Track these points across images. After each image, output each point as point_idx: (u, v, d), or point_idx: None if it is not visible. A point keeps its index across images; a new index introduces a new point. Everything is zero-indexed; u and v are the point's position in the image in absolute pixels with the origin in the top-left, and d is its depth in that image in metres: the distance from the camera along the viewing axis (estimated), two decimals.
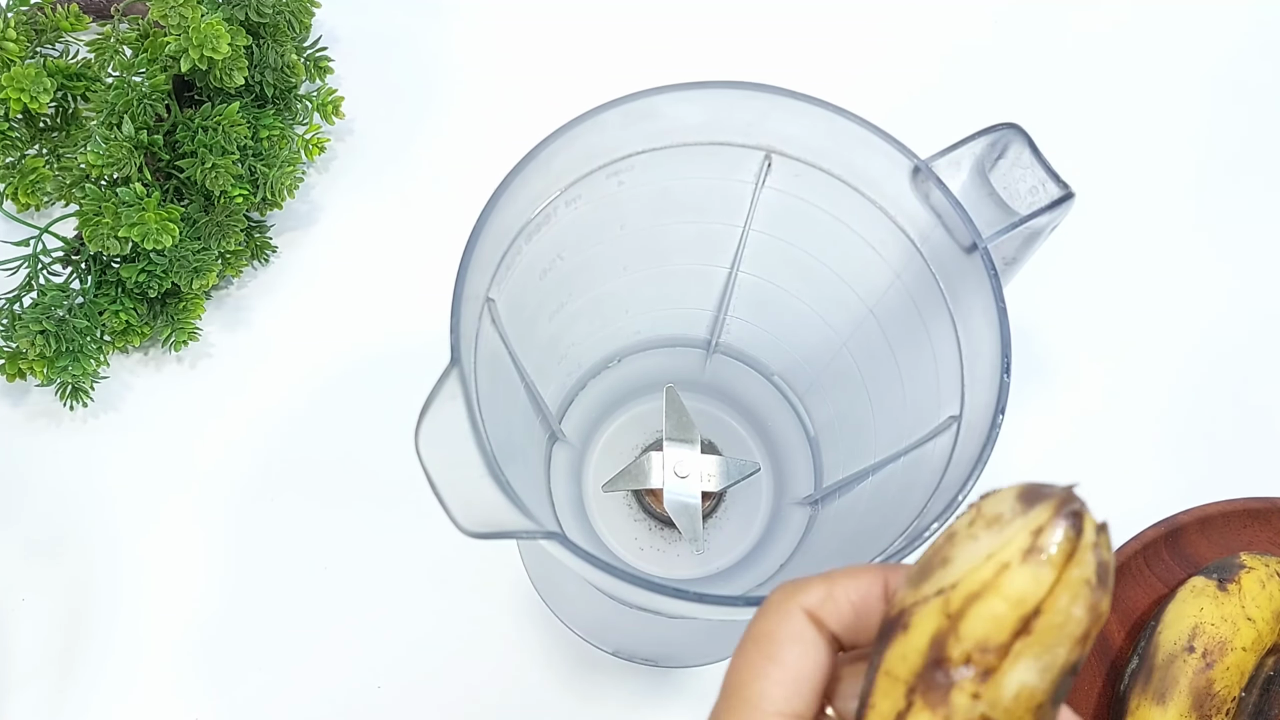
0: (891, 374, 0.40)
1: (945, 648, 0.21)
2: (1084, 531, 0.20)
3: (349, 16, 0.59)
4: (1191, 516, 0.46)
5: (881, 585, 0.23)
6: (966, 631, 0.20)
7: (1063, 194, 0.35)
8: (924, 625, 0.21)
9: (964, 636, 0.20)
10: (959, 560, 0.21)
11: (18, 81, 0.45)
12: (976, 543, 0.21)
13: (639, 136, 0.36)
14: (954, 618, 0.21)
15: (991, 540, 0.21)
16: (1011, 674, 0.20)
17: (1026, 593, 0.20)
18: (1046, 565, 0.20)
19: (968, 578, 0.21)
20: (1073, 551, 0.20)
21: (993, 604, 0.20)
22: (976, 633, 0.20)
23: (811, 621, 0.23)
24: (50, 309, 0.46)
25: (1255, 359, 0.53)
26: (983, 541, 0.21)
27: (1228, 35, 0.61)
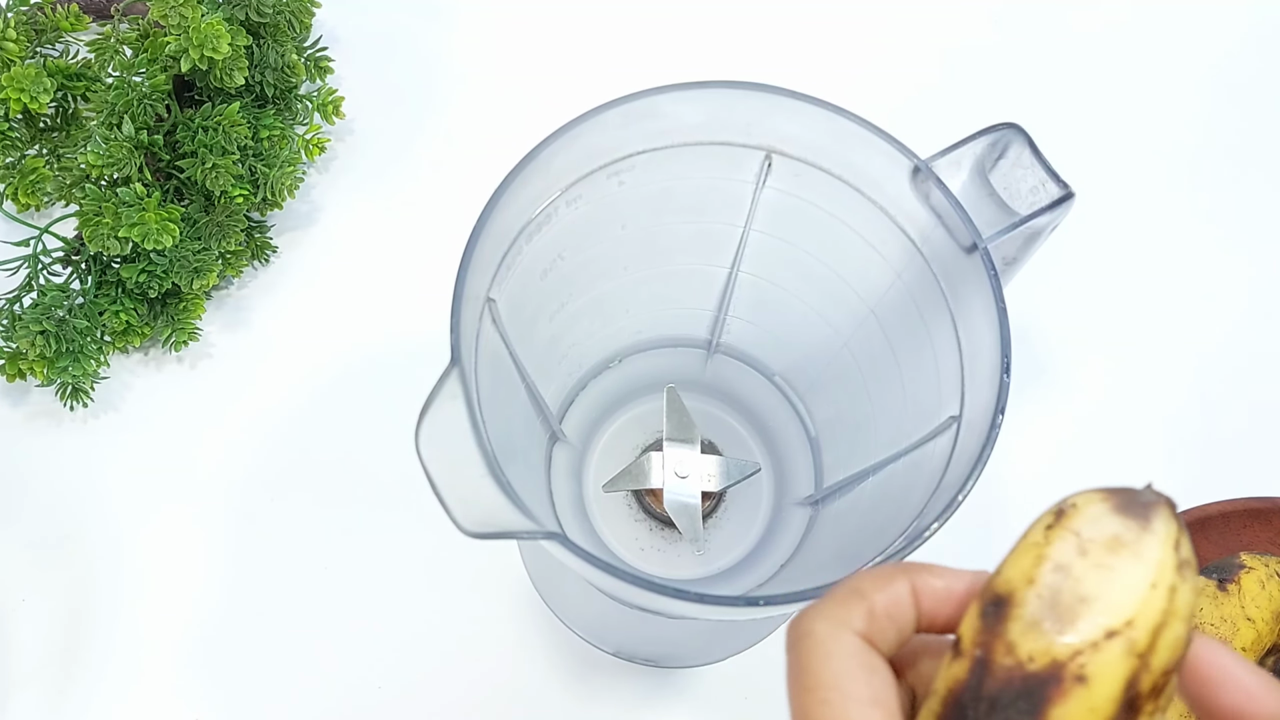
0: (892, 374, 0.40)
1: (1139, 685, 0.20)
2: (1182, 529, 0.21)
3: (349, 16, 0.59)
4: (1191, 516, 0.46)
5: (909, 587, 0.22)
6: (1157, 664, 0.20)
7: (1063, 194, 0.35)
8: (1111, 673, 0.19)
9: (1155, 669, 0.20)
10: (1113, 595, 0.20)
11: (18, 81, 0.45)
12: (1119, 572, 0.20)
13: (639, 136, 0.36)
14: (1145, 655, 0.20)
15: (1138, 567, 0.20)
16: (1174, 682, 0.20)
17: (1193, 604, 0.20)
18: (1192, 571, 0.20)
19: (1144, 612, 0.20)
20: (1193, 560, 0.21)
21: (1176, 629, 0.20)
22: (1164, 661, 0.20)
23: (872, 647, 0.22)
24: (50, 309, 0.46)
25: (1255, 358, 0.53)
26: (1126, 570, 0.20)
27: (1227, 35, 0.61)
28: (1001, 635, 0.20)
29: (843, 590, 0.22)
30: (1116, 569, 0.20)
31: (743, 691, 0.45)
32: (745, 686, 0.46)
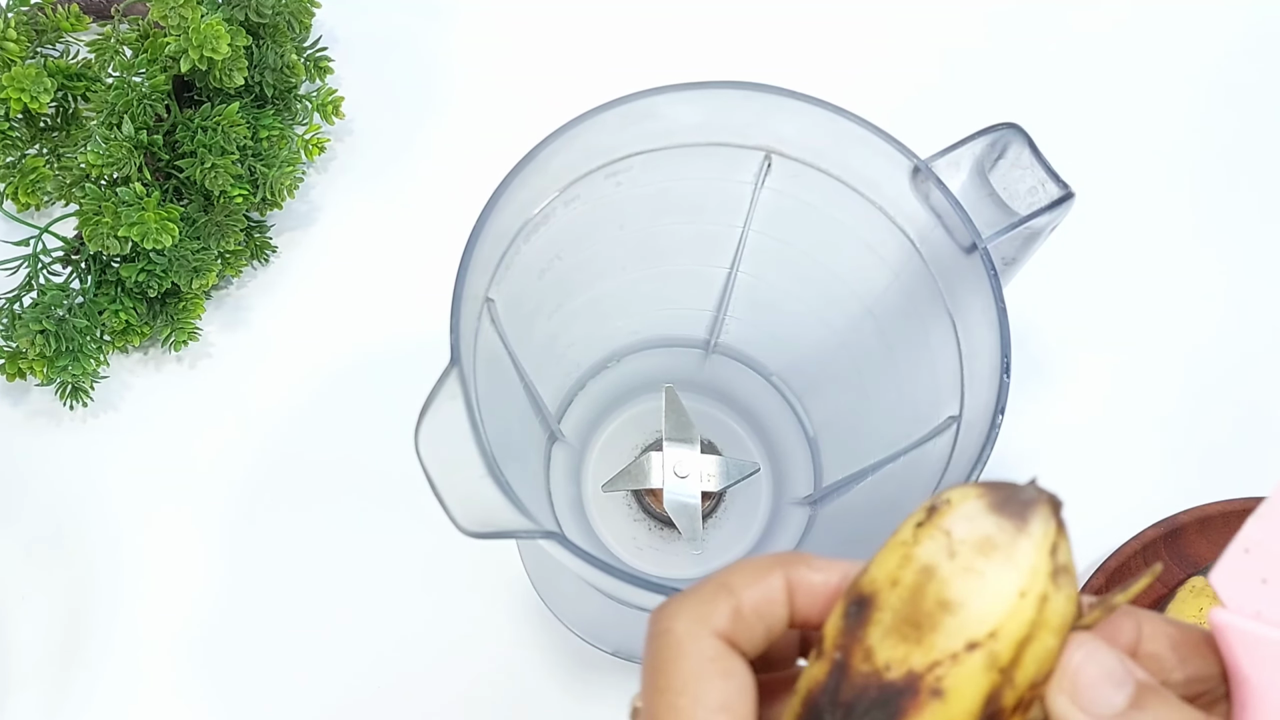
0: (890, 374, 0.40)
1: (1000, 700, 0.19)
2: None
3: (349, 17, 0.59)
4: (1191, 516, 0.46)
5: (783, 582, 0.21)
6: (1022, 679, 0.19)
7: (1062, 194, 0.35)
8: (969, 688, 0.18)
9: (1019, 684, 0.19)
10: (978, 602, 0.19)
11: (18, 81, 0.45)
12: (986, 578, 0.19)
13: (638, 137, 0.36)
14: (1008, 669, 0.18)
15: (1008, 573, 0.19)
16: (1046, 692, 0.19)
17: (1067, 615, 0.19)
18: (1069, 578, 0.19)
19: (1009, 623, 0.18)
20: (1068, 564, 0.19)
21: (1045, 641, 0.19)
22: (1030, 675, 0.19)
23: (732, 649, 0.21)
24: (50, 309, 0.46)
25: (1255, 358, 0.53)
26: (995, 576, 0.19)
27: (1226, 35, 0.61)
28: (861, 639, 0.19)
29: (710, 585, 0.21)
30: (985, 574, 0.19)
31: None
32: None
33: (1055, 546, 0.19)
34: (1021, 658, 0.19)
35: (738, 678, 0.20)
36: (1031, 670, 0.19)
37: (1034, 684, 0.19)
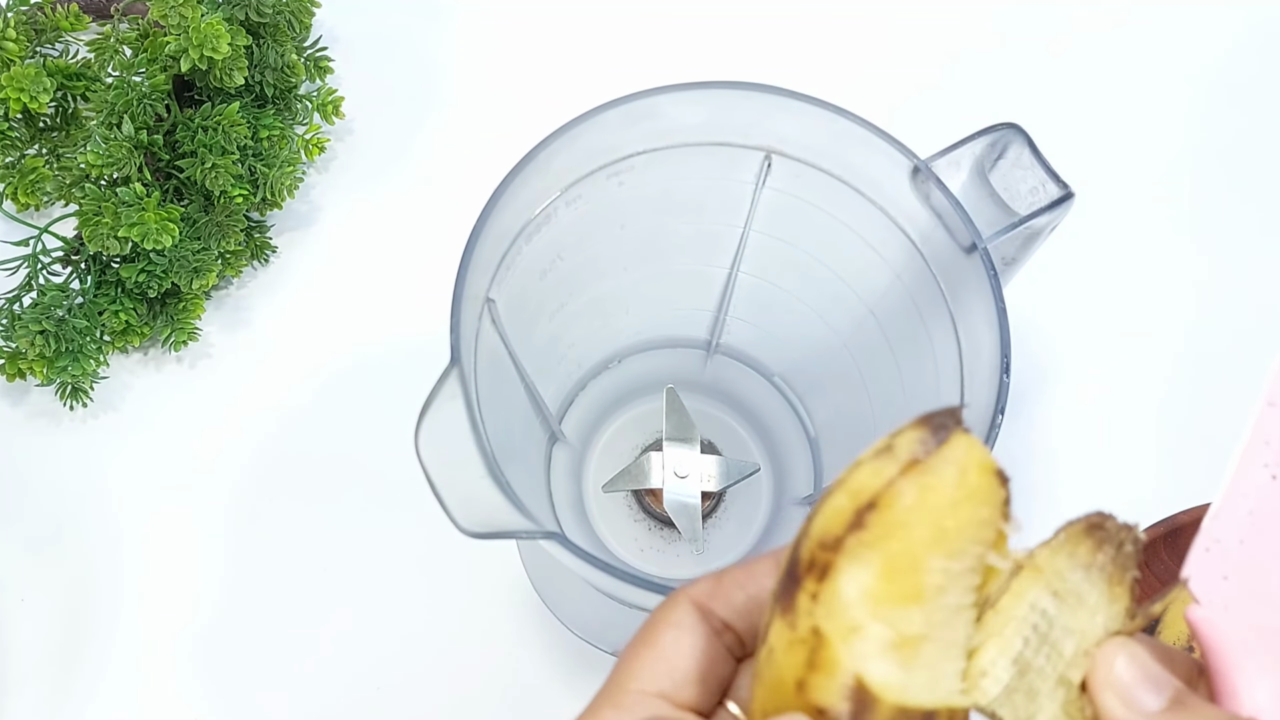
0: (891, 374, 0.40)
1: (798, 549, 0.20)
2: (951, 444, 0.20)
3: (349, 17, 0.59)
4: (1191, 516, 0.46)
5: (770, 559, 0.23)
6: (813, 529, 0.19)
7: (1062, 194, 0.35)
8: (793, 543, 0.20)
9: (811, 534, 0.19)
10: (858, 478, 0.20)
11: (18, 81, 0.45)
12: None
13: (639, 137, 0.36)
14: (808, 520, 0.20)
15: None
16: (846, 572, 0.19)
17: (864, 484, 0.19)
18: (890, 460, 0.19)
19: (831, 487, 0.20)
20: (926, 457, 0.19)
21: (836, 498, 0.19)
22: (818, 529, 0.19)
23: (695, 609, 0.23)
24: (50, 309, 0.46)
25: (1255, 358, 0.53)
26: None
27: (1227, 35, 0.61)
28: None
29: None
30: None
31: None
32: None
33: (900, 433, 0.20)
34: (818, 509, 0.20)
35: (686, 632, 0.22)
36: (820, 525, 0.19)
37: (822, 542, 0.19)
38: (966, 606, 0.20)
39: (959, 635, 0.20)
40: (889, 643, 0.19)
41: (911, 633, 0.19)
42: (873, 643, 0.19)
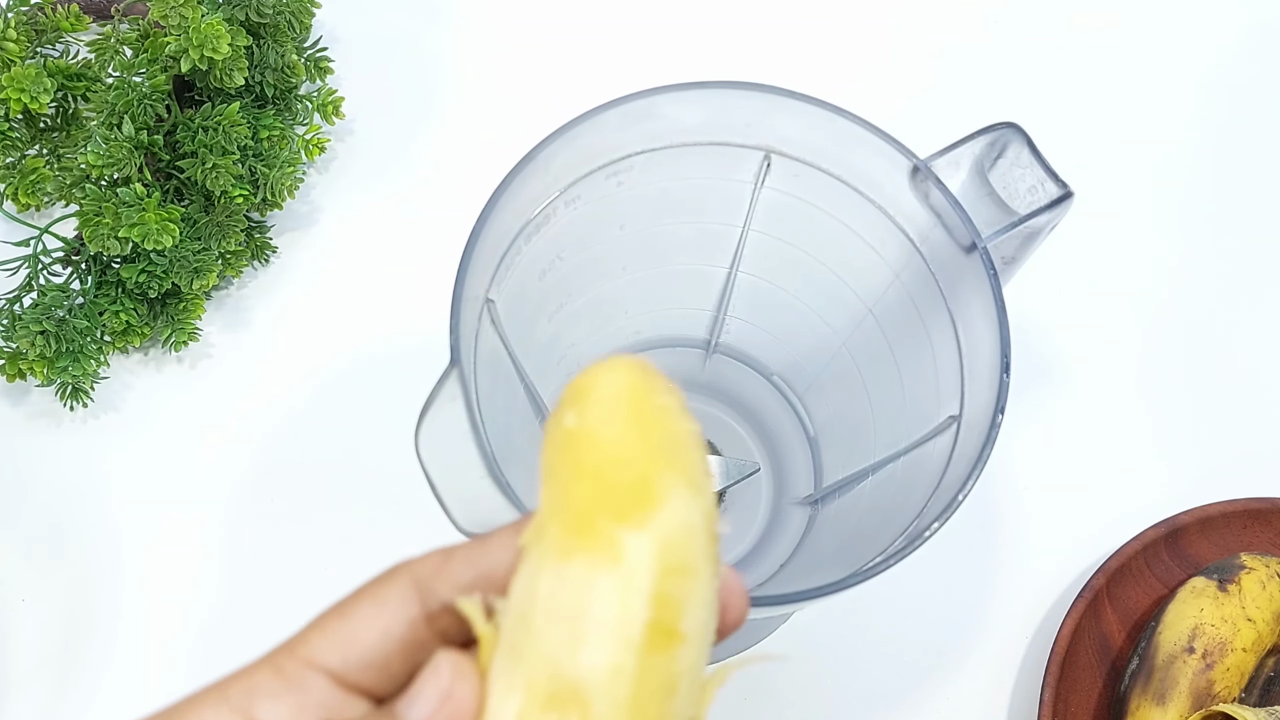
0: (891, 374, 0.40)
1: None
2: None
3: (349, 17, 0.59)
4: (1191, 517, 0.46)
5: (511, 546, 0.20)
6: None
7: (1062, 193, 0.35)
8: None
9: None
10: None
11: (18, 81, 0.45)
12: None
13: (638, 137, 0.36)
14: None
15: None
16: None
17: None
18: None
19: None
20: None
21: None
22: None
23: (413, 586, 0.20)
24: (50, 309, 0.46)
25: (1255, 358, 0.53)
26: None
27: (1227, 34, 0.61)
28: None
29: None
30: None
31: (742, 692, 0.45)
32: (744, 686, 0.46)
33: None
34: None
35: (388, 611, 0.20)
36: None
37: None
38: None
39: None
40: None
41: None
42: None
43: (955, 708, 0.46)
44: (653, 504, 0.18)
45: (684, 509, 0.18)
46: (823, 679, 0.46)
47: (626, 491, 0.18)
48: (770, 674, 0.46)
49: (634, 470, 0.19)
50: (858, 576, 0.29)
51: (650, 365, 0.20)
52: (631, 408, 0.19)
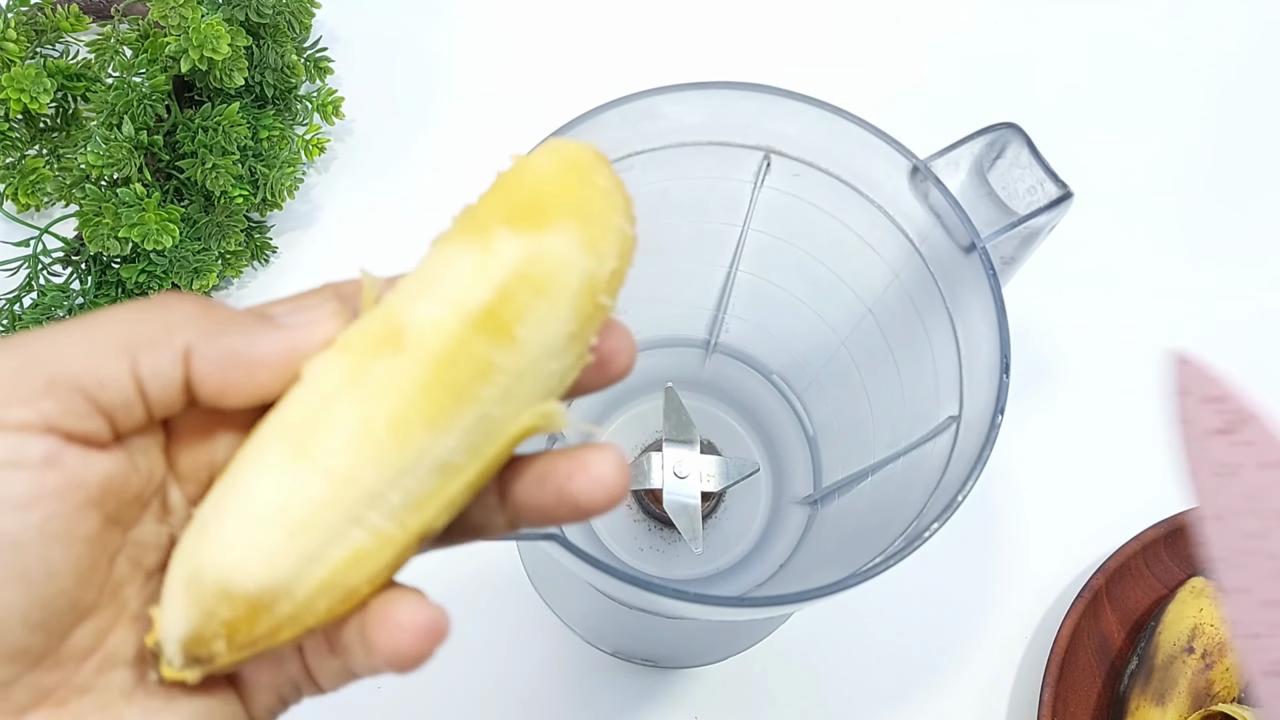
0: (890, 373, 0.40)
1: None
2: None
3: (349, 17, 0.59)
4: (1192, 517, 0.46)
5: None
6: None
7: (1061, 194, 0.35)
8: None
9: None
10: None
11: (18, 82, 0.45)
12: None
13: (638, 137, 0.36)
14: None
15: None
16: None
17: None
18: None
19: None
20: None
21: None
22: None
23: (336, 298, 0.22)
24: (50, 309, 0.46)
25: (1255, 359, 0.53)
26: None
27: (1227, 35, 0.61)
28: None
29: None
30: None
31: (742, 692, 0.45)
32: (744, 686, 0.46)
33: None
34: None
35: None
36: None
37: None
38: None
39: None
40: None
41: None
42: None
43: (955, 707, 0.46)
44: (541, 226, 0.20)
45: (567, 245, 0.20)
46: (822, 679, 0.46)
47: (525, 208, 0.20)
48: (770, 674, 0.46)
49: (542, 198, 0.20)
50: (857, 577, 0.29)
51: (605, 157, 0.21)
52: (568, 165, 0.21)
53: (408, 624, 0.20)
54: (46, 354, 0.18)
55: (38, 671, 0.18)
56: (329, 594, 0.19)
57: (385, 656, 0.20)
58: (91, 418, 0.18)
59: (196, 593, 0.19)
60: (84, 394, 0.18)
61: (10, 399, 0.17)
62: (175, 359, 0.19)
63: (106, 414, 0.18)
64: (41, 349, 0.18)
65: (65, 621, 0.18)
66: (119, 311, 0.19)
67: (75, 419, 0.18)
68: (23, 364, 0.18)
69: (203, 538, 0.19)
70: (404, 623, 0.20)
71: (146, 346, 0.19)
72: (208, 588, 0.19)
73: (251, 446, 0.19)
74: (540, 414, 0.20)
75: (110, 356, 0.18)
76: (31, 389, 0.18)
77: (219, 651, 0.19)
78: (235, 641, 0.19)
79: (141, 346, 0.19)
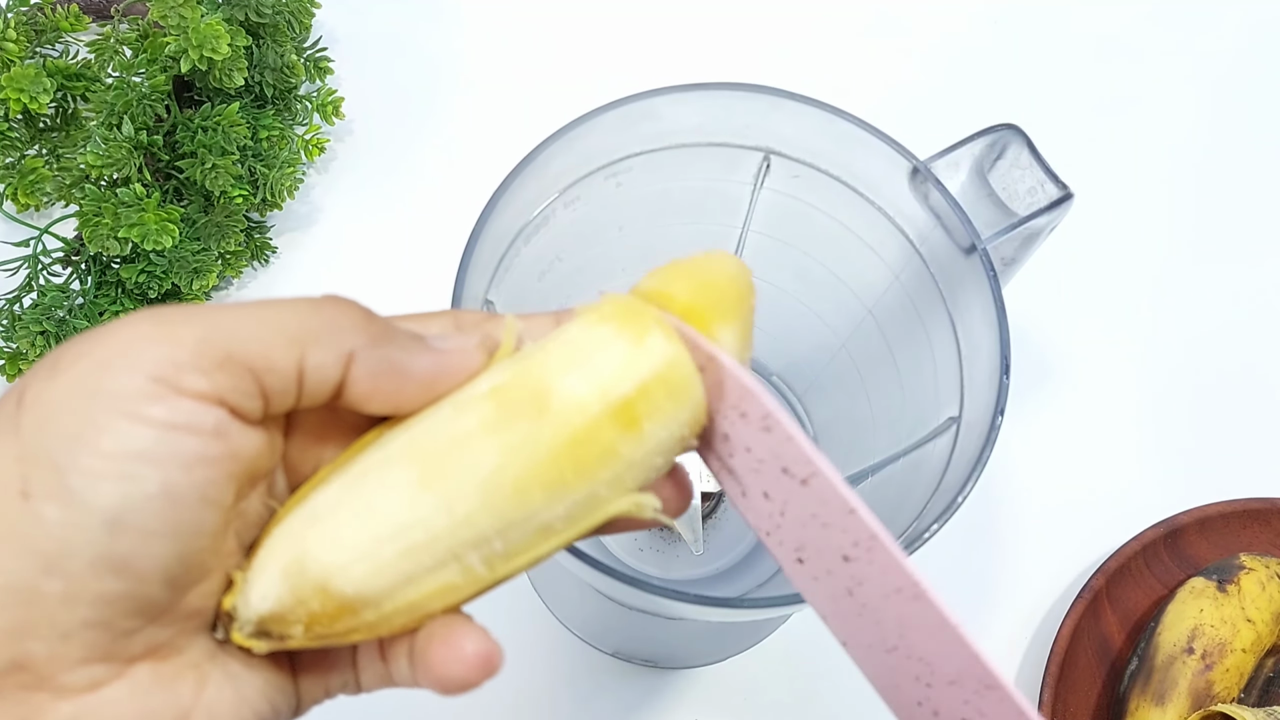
0: (890, 375, 0.40)
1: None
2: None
3: (349, 17, 0.59)
4: (1191, 517, 0.46)
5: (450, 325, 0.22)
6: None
7: (1061, 194, 0.35)
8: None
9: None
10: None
11: (18, 82, 0.45)
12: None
13: (637, 138, 0.36)
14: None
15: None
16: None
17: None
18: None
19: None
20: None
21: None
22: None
23: (452, 321, 0.22)
24: (50, 309, 0.46)
25: (1255, 359, 0.53)
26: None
27: (1227, 35, 0.61)
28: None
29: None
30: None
31: (742, 692, 0.45)
32: (744, 687, 0.46)
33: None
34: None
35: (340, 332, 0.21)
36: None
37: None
38: None
39: None
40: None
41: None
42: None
43: None
44: (703, 329, 0.21)
45: (716, 360, 0.21)
46: (822, 679, 0.46)
47: (685, 309, 0.21)
48: (770, 675, 0.46)
49: (705, 304, 0.21)
50: None
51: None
52: (735, 279, 0.22)
53: (471, 654, 0.21)
54: (226, 331, 0.19)
55: (155, 626, 0.19)
56: (409, 613, 0.21)
57: (438, 677, 0.22)
58: (255, 398, 0.19)
59: (295, 580, 0.20)
60: (254, 375, 0.19)
61: (193, 367, 0.19)
62: (339, 358, 0.20)
63: (266, 396, 0.20)
64: (222, 326, 0.19)
65: (191, 581, 0.19)
66: (293, 304, 0.20)
67: (242, 396, 0.19)
68: (204, 336, 0.19)
69: (315, 529, 0.20)
70: (467, 652, 0.21)
71: (315, 342, 0.20)
72: (308, 579, 0.20)
73: (379, 455, 0.21)
74: (634, 502, 0.21)
75: (282, 345, 0.19)
76: (211, 361, 0.19)
77: (294, 634, 0.20)
78: (312, 630, 0.20)
79: (311, 341, 0.20)
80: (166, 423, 0.18)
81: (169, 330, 0.19)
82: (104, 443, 0.18)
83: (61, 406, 0.18)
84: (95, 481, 0.18)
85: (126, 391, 0.18)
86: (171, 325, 0.19)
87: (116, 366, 0.18)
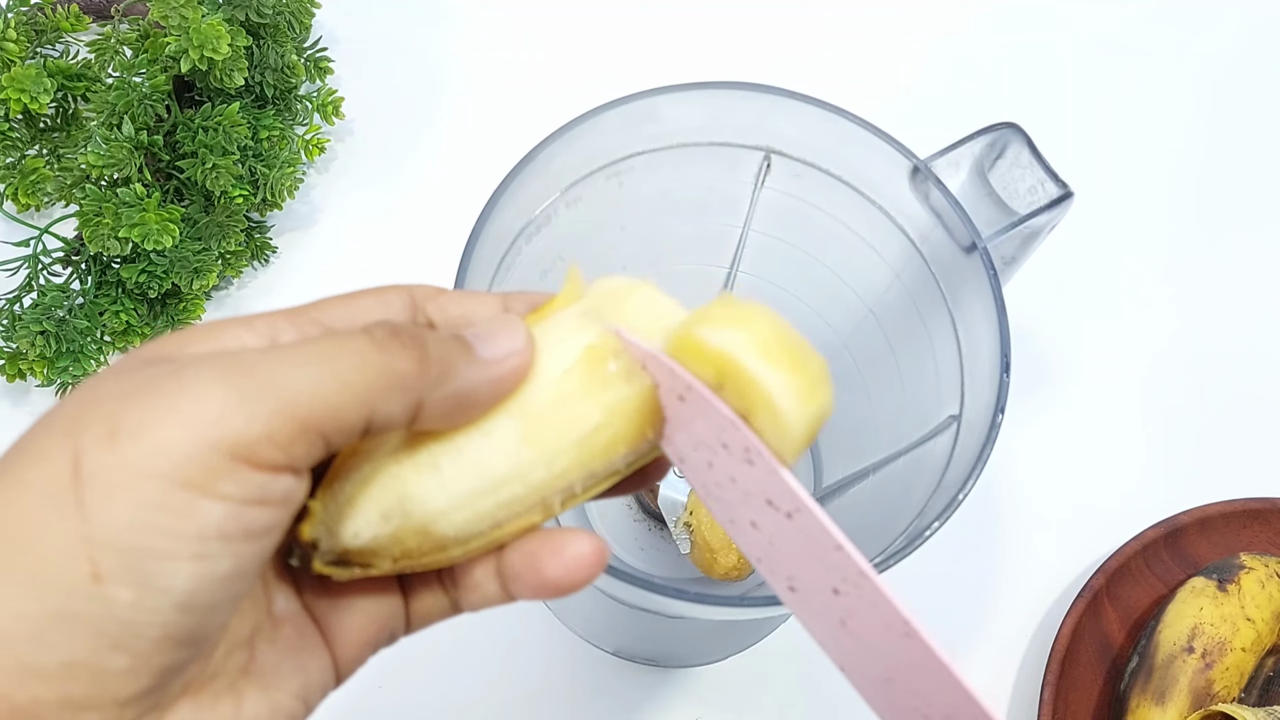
0: (891, 373, 0.40)
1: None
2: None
3: (349, 17, 0.59)
4: (1191, 517, 0.46)
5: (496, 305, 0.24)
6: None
7: (1061, 193, 0.35)
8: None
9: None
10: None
11: (18, 82, 0.45)
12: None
13: (639, 138, 0.36)
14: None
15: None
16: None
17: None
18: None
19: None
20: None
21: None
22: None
23: (408, 297, 0.23)
24: (50, 309, 0.46)
25: (1255, 359, 0.53)
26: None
27: (1227, 35, 0.61)
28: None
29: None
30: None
31: (742, 691, 0.45)
32: (744, 686, 0.46)
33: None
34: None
35: (385, 307, 0.23)
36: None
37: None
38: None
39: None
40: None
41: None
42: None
43: None
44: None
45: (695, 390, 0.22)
46: (823, 678, 0.46)
47: (758, 343, 0.23)
48: (771, 673, 0.46)
49: (766, 340, 0.23)
50: None
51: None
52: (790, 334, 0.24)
53: (588, 552, 0.22)
54: (300, 400, 0.19)
55: (195, 667, 0.20)
56: (489, 546, 0.22)
57: (548, 580, 0.22)
58: (321, 454, 0.19)
59: (397, 521, 0.21)
60: (325, 439, 0.19)
61: (269, 442, 0.18)
62: (406, 409, 0.20)
63: (330, 449, 0.20)
64: (296, 391, 0.19)
65: (228, 619, 0.20)
66: (355, 351, 0.20)
67: (310, 459, 0.19)
68: (278, 409, 0.18)
69: (420, 478, 0.21)
70: (585, 551, 0.22)
71: (384, 397, 0.20)
72: (411, 521, 0.21)
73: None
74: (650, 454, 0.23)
75: (353, 406, 0.19)
76: (287, 436, 0.19)
77: (380, 566, 0.21)
78: (399, 563, 0.21)
79: (380, 397, 0.20)
80: (241, 498, 0.18)
81: (242, 403, 0.18)
82: (181, 526, 0.18)
83: (130, 485, 0.17)
84: (172, 565, 0.18)
85: (200, 468, 0.18)
86: (242, 394, 0.18)
87: (188, 441, 0.18)
